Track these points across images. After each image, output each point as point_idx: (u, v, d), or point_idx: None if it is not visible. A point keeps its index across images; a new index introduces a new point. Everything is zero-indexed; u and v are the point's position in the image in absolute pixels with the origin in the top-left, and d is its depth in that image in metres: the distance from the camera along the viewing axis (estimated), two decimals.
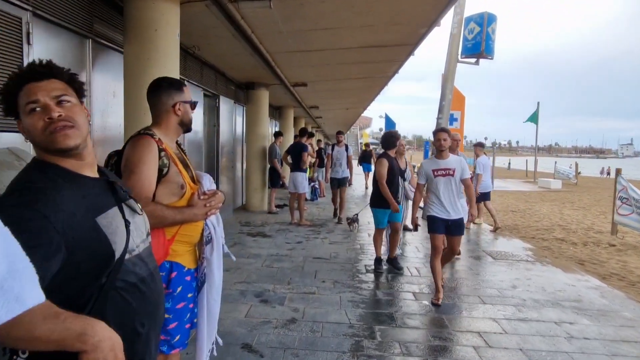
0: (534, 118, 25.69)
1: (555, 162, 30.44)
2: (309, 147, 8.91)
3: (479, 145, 9.44)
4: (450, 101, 9.66)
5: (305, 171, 8.48)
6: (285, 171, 14.31)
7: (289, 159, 8.74)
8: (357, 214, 7.88)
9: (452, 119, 15.57)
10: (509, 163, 45.61)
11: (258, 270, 5.27)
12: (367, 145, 19.06)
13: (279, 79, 8.88)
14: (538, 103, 25.95)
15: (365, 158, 17.00)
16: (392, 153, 5.10)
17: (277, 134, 9.60)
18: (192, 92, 6.72)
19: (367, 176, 16.55)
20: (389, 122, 32.90)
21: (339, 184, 8.76)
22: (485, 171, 8.09)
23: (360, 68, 8.36)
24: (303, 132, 9.06)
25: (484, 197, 8.26)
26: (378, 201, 5.15)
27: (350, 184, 8.20)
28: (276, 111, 15.82)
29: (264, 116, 9.79)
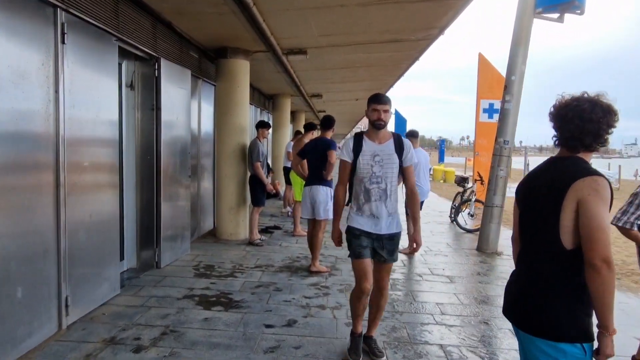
0: None
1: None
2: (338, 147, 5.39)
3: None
4: (523, 74, 6.45)
5: (331, 185, 5.15)
6: (280, 179, 11.12)
7: (301, 165, 5.48)
8: None
9: (492, 110, 12.39)
10: (527, 165, 42.11)
11: None
12: None
13: (263, 39, 5.68)
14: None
15: None
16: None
17: (261, 125, 6.38)
18: (95, 42, 3.46)
19: None
20: (400, 119, 29.60)
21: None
22: None
23: (395, 17, 5.15)
24: (327, 123, 5.25)
25: None
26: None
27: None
28: (269, 101, 12.63)
29: (241, 99, 6.56)
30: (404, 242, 3.64)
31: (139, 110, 4.89)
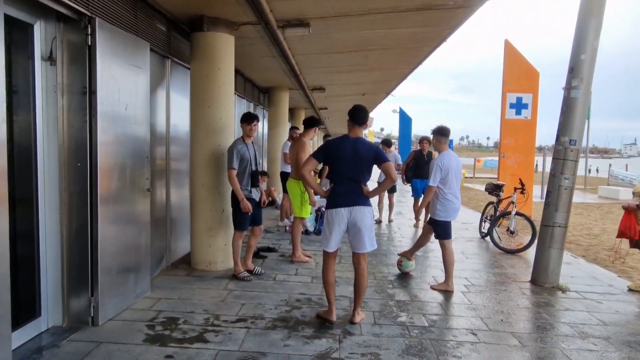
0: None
1: (610, 165, 25.73)
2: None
3: None
4: (596, 52, 4.91)
5: (371, 204, 3.70)
6: (277, 185, 9.55)
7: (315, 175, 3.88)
8: None
9: (521, 105, 10.84)
10: (536, 165, 40.60)
11: None
12: (422, 141, 8.31)
13: (251, 1, 4.15)
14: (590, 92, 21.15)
15: (418, 169, 8.24)
16: None
17: (244, 119, 4.74)
18: None
19: (416, 205, 8.74)
20: (404, 118, 28.13)
21: None
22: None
23: None
24: (363, 116, 3.64)
25: None
26: None
27: None
28: (264, 95, 11.08)
29: (223, 85, 4.98)
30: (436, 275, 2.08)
31: (64, 94, 3.32)
